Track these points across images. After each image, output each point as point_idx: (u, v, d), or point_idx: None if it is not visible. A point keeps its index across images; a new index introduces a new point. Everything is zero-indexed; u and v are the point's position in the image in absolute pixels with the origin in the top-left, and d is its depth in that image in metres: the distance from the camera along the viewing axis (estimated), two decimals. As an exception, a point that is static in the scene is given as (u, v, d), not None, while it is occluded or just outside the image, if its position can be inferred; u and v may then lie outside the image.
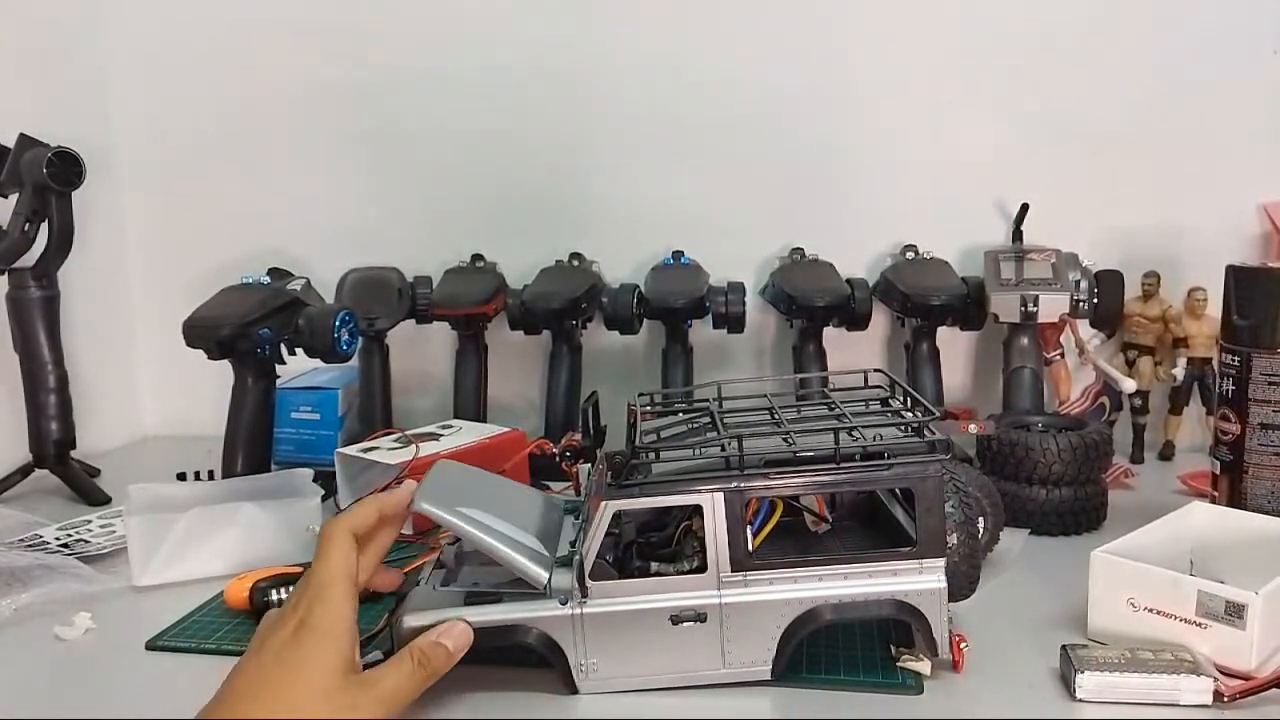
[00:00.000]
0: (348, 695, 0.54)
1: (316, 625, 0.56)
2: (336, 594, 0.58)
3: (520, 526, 0.66)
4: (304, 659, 0.55)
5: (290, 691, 0.53)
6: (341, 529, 0.61)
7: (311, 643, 0.55)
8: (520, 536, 0.65)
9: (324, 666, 0.54)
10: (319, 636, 0.56)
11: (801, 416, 0.73)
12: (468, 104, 1.29)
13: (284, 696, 0.53)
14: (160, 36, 1.34)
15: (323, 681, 0.54)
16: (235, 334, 0.99)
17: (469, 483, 0.71)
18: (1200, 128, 1.17)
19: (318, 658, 0.55)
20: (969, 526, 0.67)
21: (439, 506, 0.64)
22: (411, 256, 1.27)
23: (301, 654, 0.55)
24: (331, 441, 1.17)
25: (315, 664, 0.54)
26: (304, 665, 0.54)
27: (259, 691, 0.53)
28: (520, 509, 0.70)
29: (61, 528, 0.95)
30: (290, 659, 0.55)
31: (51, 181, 1.04)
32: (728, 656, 0.63)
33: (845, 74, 1.23)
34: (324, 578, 0.59)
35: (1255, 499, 0.83)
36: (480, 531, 0.63)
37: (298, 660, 0.55)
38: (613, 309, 1.16)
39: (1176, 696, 0.60)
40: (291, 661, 0.55)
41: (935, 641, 0.62)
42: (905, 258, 1.20)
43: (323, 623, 0.56)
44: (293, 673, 0.54)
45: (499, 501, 0.69)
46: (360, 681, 0.56)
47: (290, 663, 0.54)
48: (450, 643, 0.60)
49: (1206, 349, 1.11)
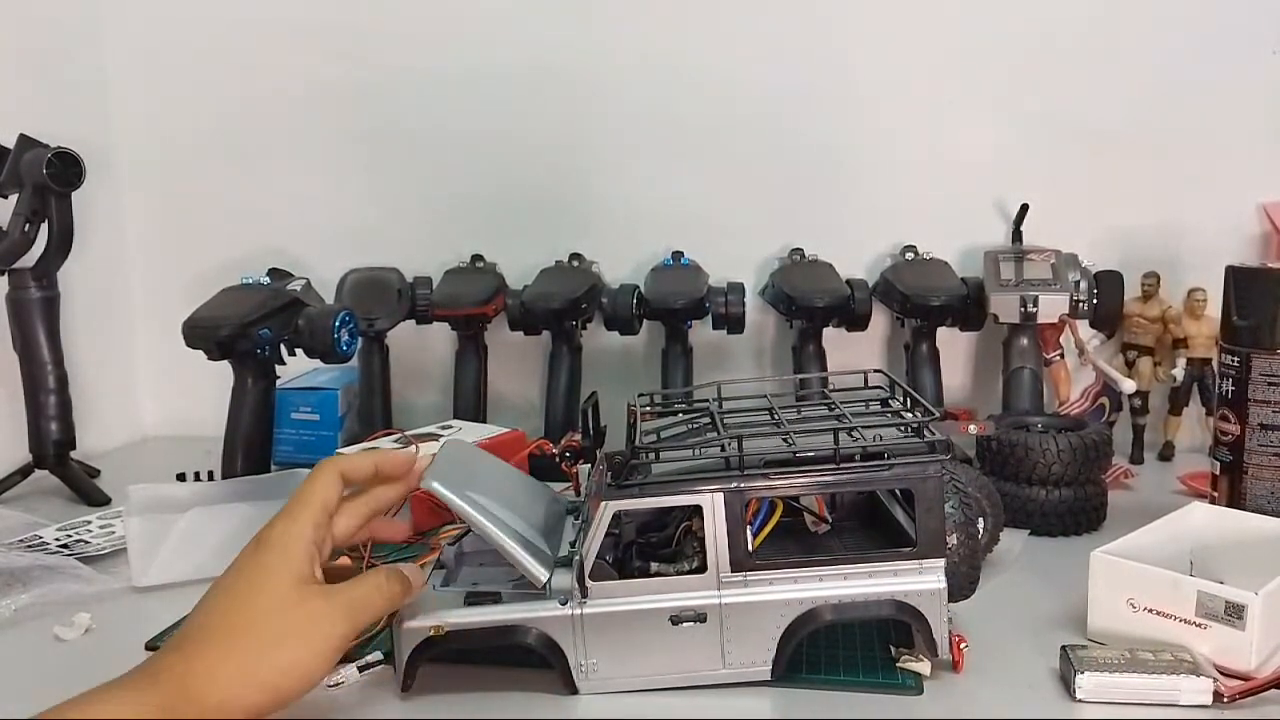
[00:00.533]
0: (308, 604, 0.56)
1: (274, 540, 0.58)
2: (300, 514, 0.60)
3: (525, 519, 0.66)
4: (260, 569, 0.57)
5: (250, 600, 0.56)
6: (331, 465, 0.63)
7: (266, 555, 0.58)
8: (524, 530, 0.65)
9: (279, 576, 0.56)
10: (273, 549, 0.58)
11: (801, 417, 0.73)
12: (468, 104, 1.29)
13: (244, 606, 0.56)
14: (160, 36, 1.34)
15: (279, 590, 0.56)
16: (235, 334, 0.99)
17: (478, 467, 0.69)
18: (1200, 128, 1.17)
19: (273, 568, 0.57)
20: (969, 527, 0.67)
21: (448, 487, 0.63)
22: (411, 256, 1.27)
23: (257, 565, 0.57)
24: (331, 442, 1.17)
25: (271, 574, 0.57)
26: (260, 574, 0.57)
27: (223, 602, 0.56)
28: (526, 501, 0.69)
29: (61, 528, 0.95)
30: (248, 570, 0.57)
31: (51, 182, 1.04)
32: (728, 657, 0.63)
33: (845, 74, 1.23)
34: (294, 501, 0.61)
35: (1255, 499, 0.83)
36: (486, 520, 0.63)
37: (255, 569, 0.57)
38: (612, 309, 1.17)
39: (1176, 697, 0.60)
40: (249, 571, 0.57)
41: (935, 642, 0.62)
42: (905, 258, 1.20)
43: (280, 538, 0.58)
44: (251, 582, 0.57)
45: (506, 491, 0.68)
46: (323, 591, 0.58)
47: (248, 573, 0.57)
48: (410, 573, 0.62)
49: (1206, 349, 1.11)
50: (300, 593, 0.56)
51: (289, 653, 0.55)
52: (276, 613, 0.55)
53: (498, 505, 0.64)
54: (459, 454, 0.70)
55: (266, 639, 0.55)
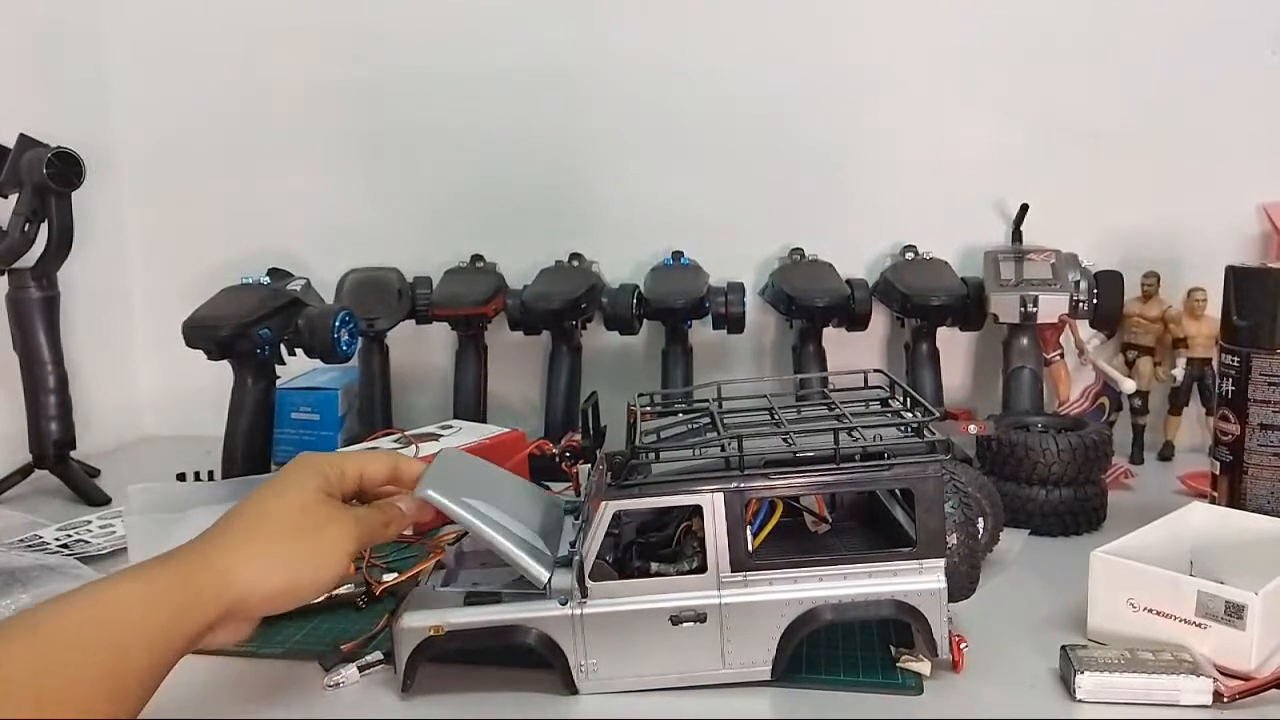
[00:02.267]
0: (327, 507, 0.62)
1: (301, 460, 0.64)
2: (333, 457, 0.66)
3: (523, 521, 0.66)
4: (285, 478, 0.62)
5: (275, 499, 0.61)
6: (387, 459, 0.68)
7: (293, 469, 0.63)
8: (523, 532, 0.65)
9: (305, 483, 0.62)
10: (300, 466, 0.64)
11: (801, 417, 0.73)
12: (468, 104, 1.29)
13: (270, 504, 0.60)
14: (160, 36, 1.34)
15: (304, 494, 0.61)
16: (235, 334, 1.00)
17: (474, 473, 0.70)
18: (1200, 128, 1.17)
19: (298, 478, 0.62)
20: (969, 526, 0.67)
21: (445, 495, 0.63)
22: (411, 256, 1.27)
23: (284, 475, 0.63)
24: (331, 442, 1.17)
25: (296, 481, 0.62)
26: (285, 481, 0.62)
27: (250, 503, 0.61)
28: (523, 504, 0.69)
29: (61, 528, 0.95)
30: (275, 480, 0.63)
31: (51, 182, 1.04)
32: (728, 657, 0.63)
33: (845, 74, 1.23)
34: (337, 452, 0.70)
35: (1255, 499, 0.83)
36: (484, 524, 0.63)
37: (281, 478, 0.62)
38: (612, 309, 1.16)
39: (1176, 697, 0.60)
40: (276, 480, 0.62)
41: (935, 642, 0.62)
42: (905, 258, 1.20)
43: (308, 459, 0.65)
44: (275, 487, 0.62)
45: (503, 495, 0.68)
46: (336, 504, 0.63)
47: (275, 481, 0.62)
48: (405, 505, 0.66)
49: (1206, 349, 1.11)
50: (320, 498, 0.62)
51: (308, 544, 0.59)
52: (299, 510, 0.60)
53: (495, 509, 0.65)
54: (454, 461, 0.70)
55: (289, 529, 0.59)
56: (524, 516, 0.67)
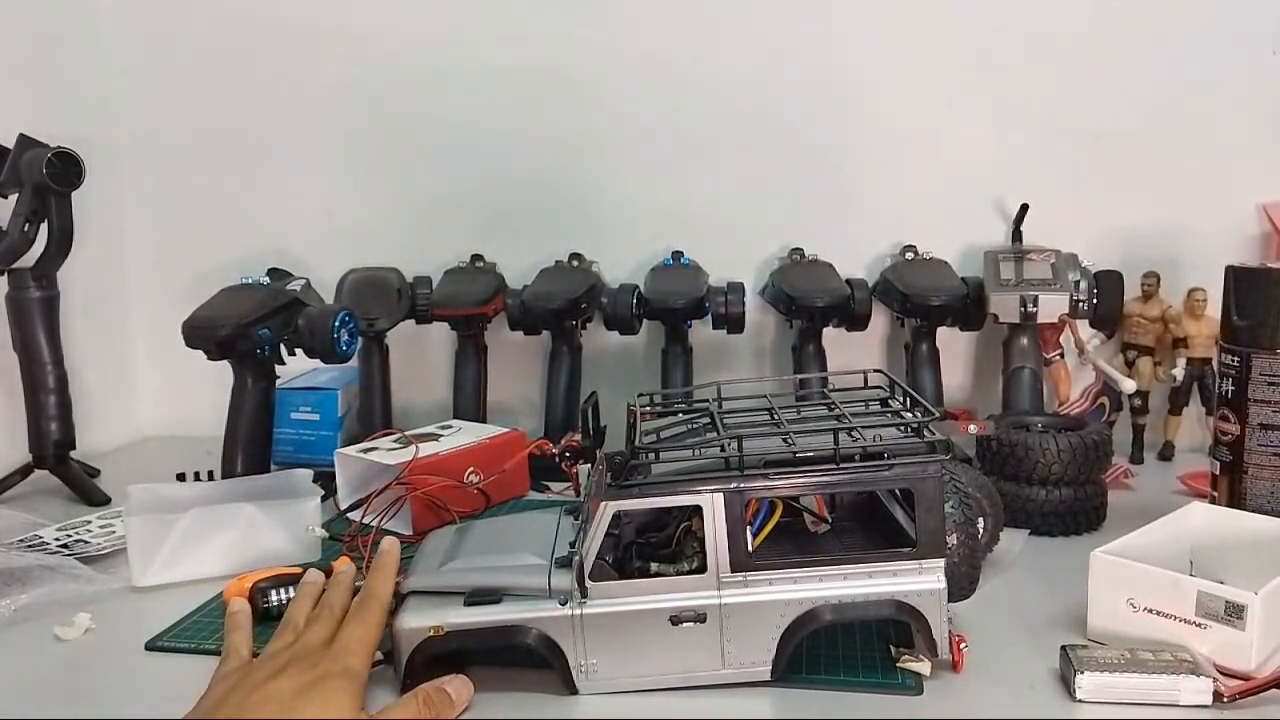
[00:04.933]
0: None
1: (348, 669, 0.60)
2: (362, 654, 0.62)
3: (511, 550, 0.68)
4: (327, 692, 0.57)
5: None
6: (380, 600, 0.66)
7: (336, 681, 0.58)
8: (512, 560, 0.67)
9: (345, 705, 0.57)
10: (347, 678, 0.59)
11: (801, 417, 0.73)
12: (468, 104, 1.29)
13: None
14: (160, 37, 1.34)
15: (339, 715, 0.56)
16: (235, 334, 0.99)
17: (454, 539, 0.73)
18: (1200, 128, 1.17)
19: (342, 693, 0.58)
20: (969, 526, 0.67)
21: (425, 581, 0.67)
22: (411, 256, 1.27)
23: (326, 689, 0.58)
24: (331, 442, 1.17)
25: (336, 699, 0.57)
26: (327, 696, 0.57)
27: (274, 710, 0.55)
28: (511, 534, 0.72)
29: (61, 528, 0.95)
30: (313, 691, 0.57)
31: (51, 181, 1.04)
32: (728, 657, 0.63)
33: (845, 74, 1.23)
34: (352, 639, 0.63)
35: (1255, 499, 0.83)
36: (471, 577, 0.66)
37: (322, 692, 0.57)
38: (612, 309, 1.16)
39: (1176, 697, 0.60)
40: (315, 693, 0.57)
41: (935, 642, 0.62)
42: (905, 258, 1.20)
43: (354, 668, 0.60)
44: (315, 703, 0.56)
45: (486, 538, 0.72)
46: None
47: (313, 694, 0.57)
48: (452, 690, 0.62)
49: (1206, 349, 1.11)
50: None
51: None
52: None
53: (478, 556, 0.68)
54: (433, 543, 0.74)
55: None
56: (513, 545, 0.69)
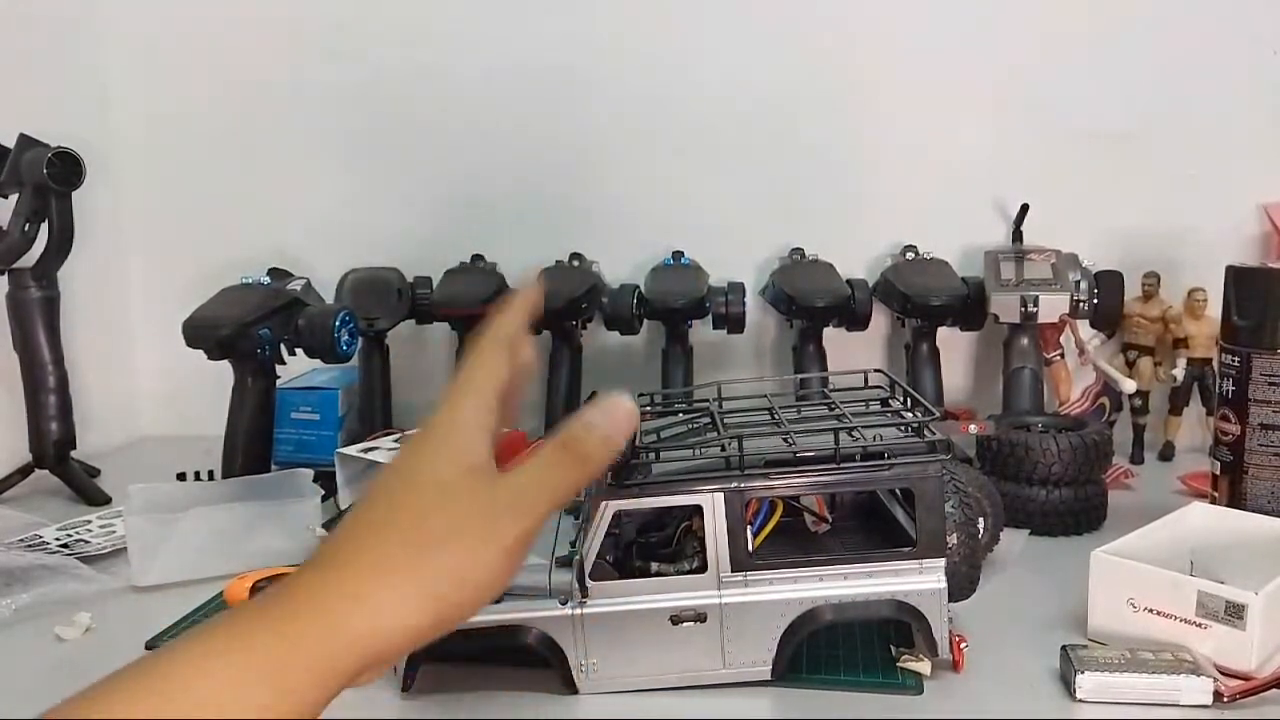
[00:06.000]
0: (474, 492, 0.44)
1: (433, 427, 0.47)
2: (462, 401, 0.47)
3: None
4: (417, 457, 0.46)
5: (406, 495, 0.45)
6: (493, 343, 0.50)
7: (423, 441, 0.47)
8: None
9: (442, 463, 0.45)
10: (432, 436, 0.46)
11: (801, 416, 0.73)
12: (468, 103, 1.29)
13: (399, 503, 0.45)
14: (160, 36, 1.34)
15: (442, 480, 0.45)
16: (235, 334, 0.99)
17: None
18: (1200, 128, 1.17)
19: (431, 453, 0.46)
20: (969, 526, 0.67)
21: None
22: (411, 256, 1.27)
23: (414, 454, 0.46)
24: (331, 442, 1.16)
25: (429, 459, 0.46)
26: (418, 463, 0.46)
27: (373, 503, 0.45)
28: None
29: (61, 528, 0.95)
30: (403, 463, 0.46)
31: (51, 181, 1.04)
32: (728, 656, 0.63)
33: (845, 74, 1.23)
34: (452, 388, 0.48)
35: (1255, 499, 0.83)
36: None
37: (412, 459, 0.46)
38: (613, 309, 1.16)
39: (1176, 697, 0.60)
40: (404, 465, 0.46)
41: (935, 641, 0.62)
42: (905, 258, 1.20)
43: (440, 424, 0.47)
44: (404, 476, 0.46)
45: None
46: (491, 478, 0.45)
47: (403, 467, 0.46)
48: (606, 422, 0.47)
49: (1206, 349, 1.11)
50: (463, 477, 0.45)
51: (453, 556, 0.43)
52: (437, 507, 0.44)
53: None
54: None
55: (426, 538, 0.43)
56: None
